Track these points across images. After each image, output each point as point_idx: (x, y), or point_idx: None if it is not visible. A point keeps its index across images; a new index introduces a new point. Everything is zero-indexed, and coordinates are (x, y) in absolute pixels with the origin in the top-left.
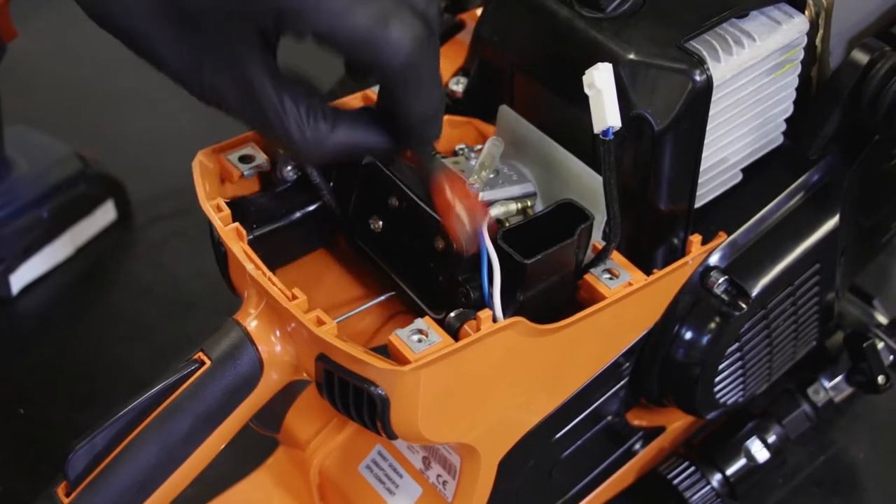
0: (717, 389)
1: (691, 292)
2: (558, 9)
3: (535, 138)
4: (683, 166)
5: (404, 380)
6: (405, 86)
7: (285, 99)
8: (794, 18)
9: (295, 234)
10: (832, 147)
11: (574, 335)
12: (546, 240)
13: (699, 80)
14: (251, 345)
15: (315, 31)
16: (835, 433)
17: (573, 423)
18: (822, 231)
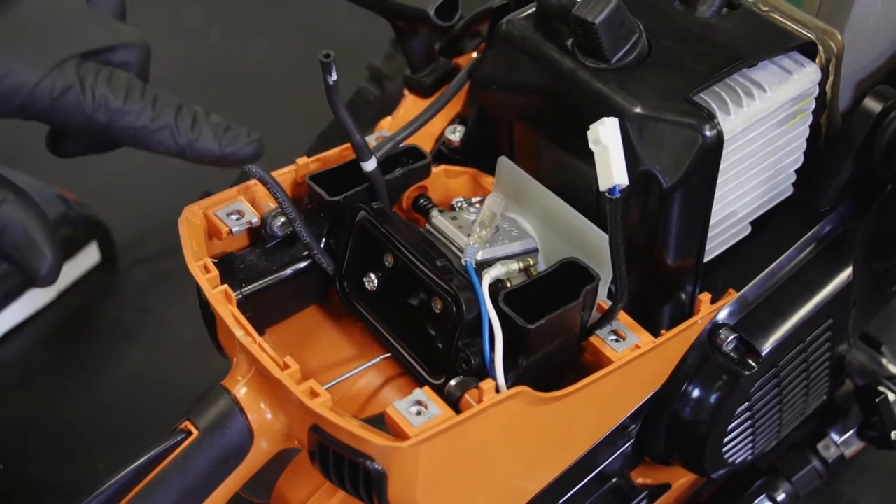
0: (725, 449)
1: (700, 349)
2: (561, 58)
3: (536, 192)
4: (692, 223)
5: (403, 456)
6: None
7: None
8: (805, 68)
9: (286, 292)
10: (843, 197)
11: (579, 401)
12: (550, 301)
13: (709, 135)
14: (240, 413)
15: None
16: (843, 485)
17: (577, 488)
18: (834, 285)
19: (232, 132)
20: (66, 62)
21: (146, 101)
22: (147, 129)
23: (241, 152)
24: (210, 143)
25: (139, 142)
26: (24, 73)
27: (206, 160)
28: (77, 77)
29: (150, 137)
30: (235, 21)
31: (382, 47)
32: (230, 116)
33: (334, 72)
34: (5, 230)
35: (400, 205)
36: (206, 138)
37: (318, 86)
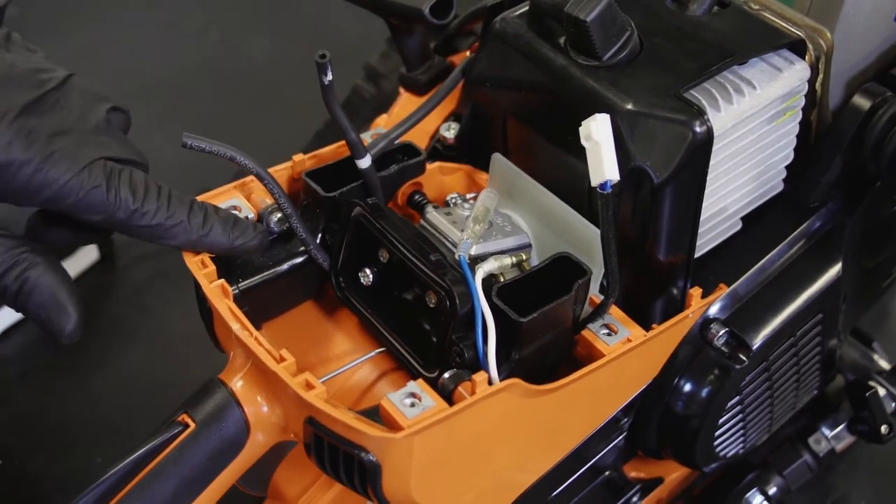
0: (717, 442)
1: (691, 343)
2: (554, 56)
3: (529, 188)
4: (683, 217)
5: (397, 446)
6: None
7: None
8: (795, 65)
9: (282, 287)
10: (833, 193)
11: (571, 394)
12: (542, 295)
13: (699, 130)
14: (237, 406)
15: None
16: (835, 480)
17: (570, 480)
18: (824, 280)
19: (240, 226)
20: (94, 163)
21: (161, 201)
22: (162, 227)
23: (249, 244)
24: (220, 236)
25: (154, 237)
26: (56, 172)
27: (217, 252)
28: (104, 177)
29: (165, 234)
30: (234, 21)
31: (379, 46)
32: (229, 114)
33: (329, 72)
34: (33, 292)
35: (395, 201)
36: (216, 233)
37: (315, 84)
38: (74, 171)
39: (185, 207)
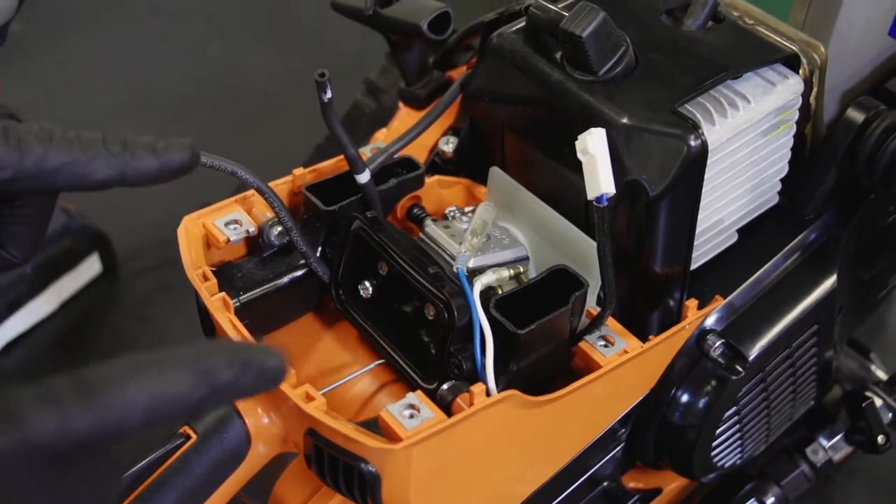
0: (714, 453)
1: (688, 355)
2: (550, 70)
3: (526, 201)
4: (679, 230)
5: (396, 457)
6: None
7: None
8: (788, 79)
9: (283, 300)
10: (828, 206)
11: (569, 405)
12: (539, 307)
13: (694, 144)
14: (238, 418)
15: None
16: (833, 490)
17: (568, 491)
18: (819, 292)
19: (163, 141)
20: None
21: (69, 136)
22: (80, 163)
23: (176, 159)
24: (147, 157)
25: (76, 178)
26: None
27: (147, 176)
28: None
29: (86, 169)
30: (235, 35)
31: (378, 61)
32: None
33: (329, 90)
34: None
35: (394, 214)
36: (142, 154)
37: (315, 99)
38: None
39: (97, 137)
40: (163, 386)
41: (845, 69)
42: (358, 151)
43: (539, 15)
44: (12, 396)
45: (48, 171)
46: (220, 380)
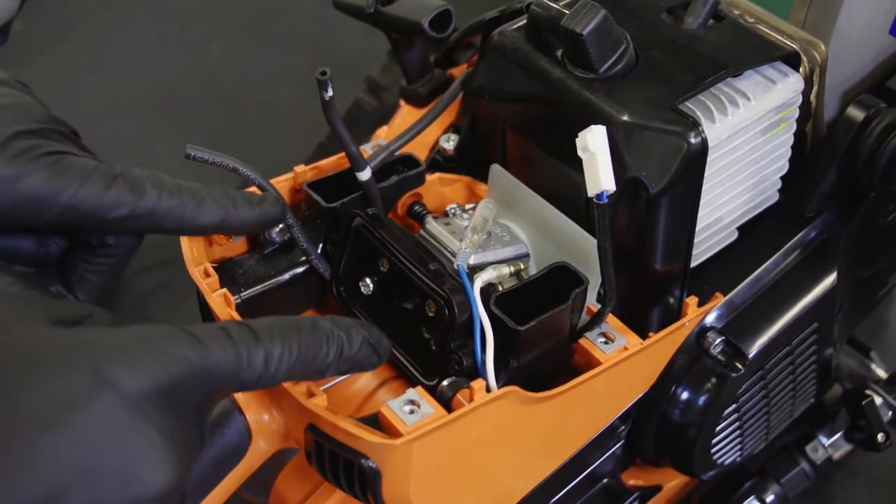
0: (714, 450)
1: (688, 352)
2: (551, 68)
3: (527, 198)
4: (679, 227)
5: (396, 453)
6: None
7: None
8: (789, 77)
9: (284, 296)
10: (828, 204)
11: (569, 401)
12: (540, 304)
13: (694, 142)
14: (239, 413)
15: None
16: (833, 488)
17: (568, 488)
18: (819, 289)
19: (258, 197)
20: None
21: (177, 182)
22: (190, 207)
23: (273, 213)
24: (246, 209)
25: (184, 221)
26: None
27: (245, 225)
28: (116, 171)
29: (195, 213)
30: (236, 34)
31: (379, 59)
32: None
33: (330, 88)
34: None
35: (395, 211)
36: (242, 205)
37: (316, 98)
38: (87, 172)
39: (202, 187)
40: (309, 347)
41: (846, 67)
42: (359, 149)
43: (540, 13)
44: (204, 331)
45: (160, 212)
46: (349, 350)
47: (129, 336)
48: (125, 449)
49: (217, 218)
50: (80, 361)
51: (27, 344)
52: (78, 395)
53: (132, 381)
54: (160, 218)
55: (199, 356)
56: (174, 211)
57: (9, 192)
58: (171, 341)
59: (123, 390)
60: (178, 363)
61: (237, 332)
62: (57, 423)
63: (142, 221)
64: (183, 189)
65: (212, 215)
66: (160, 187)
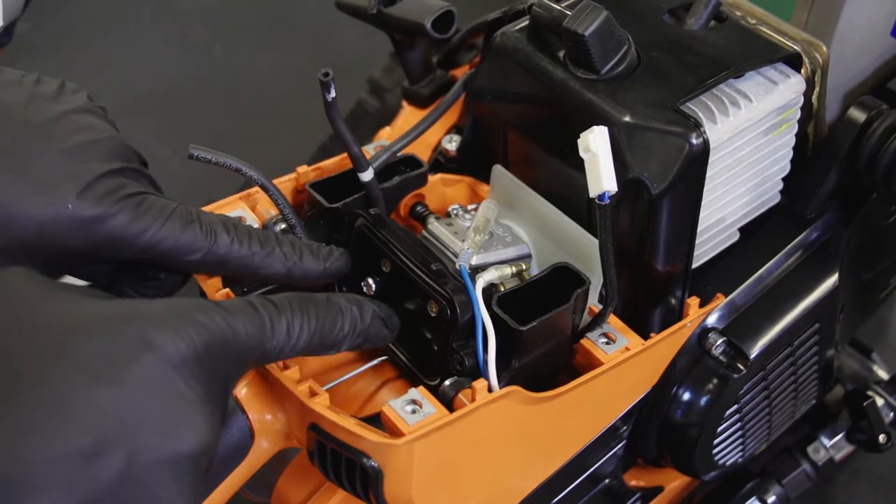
0: (715, 451)
1: (689, 353)
2: (553, 69)
3: (529, 199)
4: (681, 228)
5: (398, 452)
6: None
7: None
8: (790, 78)
9: None
10: (830, 205)
11: (570, 402)
12: (542, 304)
13: (696, 142)
14: (241, 413)
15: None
16: (835, 489)
17: (570, 488)
18: (821, 290)
19: (324, 250)
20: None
21: (250, 231)
22: (259, 256)
23: (338, 266)
24: (311, 262)
25: (250, 268)
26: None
27: (310, 277)
28: (194, 214)
29: (262, 263)
30: (238, 36)
31: (382, 61)
32: (234, 128)
33: (333, 89)
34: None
35: (397, 212)
36: (308, 259)
37: (319, 98)
38: (167, 215)
39: (271, 236)
40: (326, 319)
41: (847, 69)
42: (361, 149)
43: (542, 14)
44: (233, 304)
45: (230, 259)
46: (362, 324)
47: (167, 306)
48: (165, 407)
49: (283, 270)
50: (124, 327)
51: (77, 311)
52: (123, 355)
53: (172, 346)
54: (228, 264)
55: (229, 325)
56: (243, 260)
57: (93, 231)
58: (205, 311)
59: (164, 353)
60: (212, 331)
61: (261, 305)
62: (104, 379)
63: (211, 265)
64: (253, 237)
65: (278, 267)
66: (232, 234)
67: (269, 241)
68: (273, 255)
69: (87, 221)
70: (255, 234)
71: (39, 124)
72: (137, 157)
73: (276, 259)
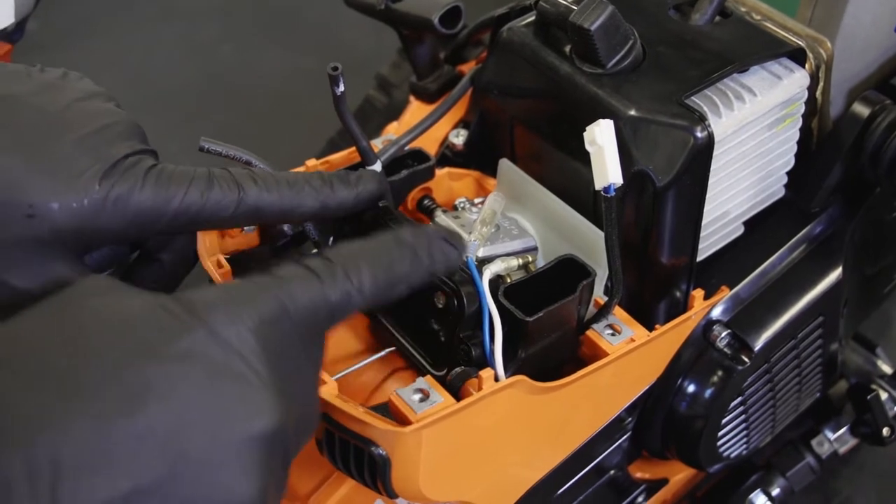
0: (720, 443)
1: (694, 345)
2: (559, 63)
3: (535, 192)
4: (685, 221)
5: (406, 440)
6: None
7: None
8: (794, 73)
9: None
10: (834, 199)
11: (576, 392)
12: (548, 296)
13: (700, 136)
14: None
15: None
16: (839, 483)
17: (575, 479)
18: (825, 284)
19: (353, 175)
20: (199, 169)
21: (274, 174)
22: (291, 198)
23: (371, 189)
24: (343, 190)
25: (286, 212)
26: (176, 187)
27: (345, 206)
28: (215, 175)
29: (298, 202)
30: (248, 35)
31: (390, 57)
32: (243, 124)
33: (342, 83)
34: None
35: (405, 206)
36: (340, 187)
37: (327, 95)
38: (189, 179)
39: (299, 176)
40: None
41: (851, 64)
42: (369, 143)
43: (548, 9)
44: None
45: (263, 206)
46: (424, 248)
47: (217, 290)
48: (220, 389)
49: (317, 204)
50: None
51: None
52: (174, 338)
53: (223, 327)
54: (263, 212)
55: (284, 292)
56: (276, 204)
57: (121, 209)
58: (256, 286)
59: (216, 334)
60: (266, 304)
61: (312, 261)
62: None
63: (246, 217)
64: (280, 180)
65: (312, 202)
66: (260, 183)
67: (298, 181)
68: (304, 193)
69: (114, 201)
70: (281, 178)
71: (54, 112)
72: (144, 136)
73: (308, 195)
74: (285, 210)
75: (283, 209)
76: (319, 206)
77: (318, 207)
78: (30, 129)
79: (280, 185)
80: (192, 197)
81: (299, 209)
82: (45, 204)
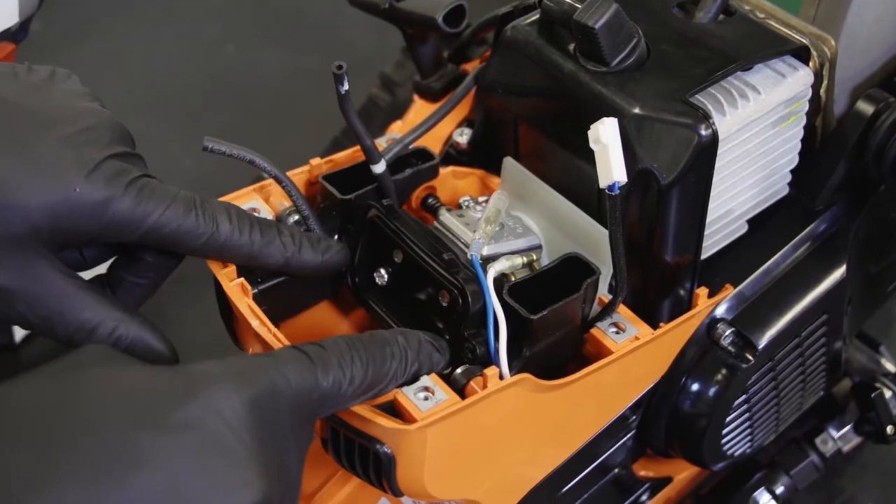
0: (724, 441)
1: (698, 344)
2: (563, 62)
3: (539, 191)
4: (690, 219)
5: (411, 438)
6: None
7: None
8: (798, 71)
9: (300, 287)
10: (838, 197)
11: (580, 390)
12: (552, 294)
13: (705, 134)
14: None
15: None
16: (843, 481)
17: (580, 477)
18: (828, 282)
19: (324, 242)
20: (181, 192)
21: (252, 221)
22: (258, 247)
23: (336, 258)
24: (310, 253)
25: (250, 258)
26: (153, 203)
27: (307, 269)
28: (198, 201)
29: (261, 253)
30: (250, 34)
31: (393, 56)
32: (247, 124)
33: (346, 82)
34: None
35: (409, 204)
36: (307, 250)
37: (330, 94)
38: (170, 200)
39: (272, 226)
40: (374, 351)
41: (855, 62)
42: (373, 142)
43: (552, 7)
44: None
45: (231, 246)
46: (412, 351)
47: (215, 365)
48: (212, 463)
49: (281, 259)
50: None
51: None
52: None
53: (218, 401)
54: (229, 251)
55: (278, 373)
56: (243, 248)
57: (99, 214)
58: (252, 365)
59: (209, 408)
60: (260, 382)
61: (308, 348)
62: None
63: (212, 251)
64: (254, 226)
65: (277, 256)
66: (234, 221)
67: (270, 231)
68: (272, 245)
69: (94, 205)
70: (255, 223)
71: (40, 112)
72: (130, 139)
73: (276, 248)
74: (250, 256)
75: (249, 254)
76: (283, 262)
77: (281, 263)
78: (12, 128)
79: (253, 230)
80: (168, 218)
81: (263, 259)
82: (23, 201)
